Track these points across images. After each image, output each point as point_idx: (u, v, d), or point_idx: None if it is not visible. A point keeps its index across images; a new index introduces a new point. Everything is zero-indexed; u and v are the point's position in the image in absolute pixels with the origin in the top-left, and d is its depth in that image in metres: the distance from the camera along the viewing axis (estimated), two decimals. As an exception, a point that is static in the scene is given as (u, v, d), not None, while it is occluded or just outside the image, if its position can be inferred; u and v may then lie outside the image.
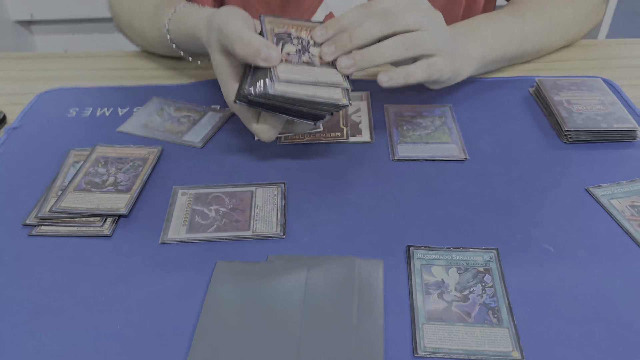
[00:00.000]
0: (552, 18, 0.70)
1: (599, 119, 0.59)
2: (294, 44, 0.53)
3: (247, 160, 0.58)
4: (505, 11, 0.69)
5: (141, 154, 0.58)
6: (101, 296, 0.44)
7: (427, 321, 0.41)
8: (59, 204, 0.51)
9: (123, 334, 0.41)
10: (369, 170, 0.56)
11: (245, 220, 0.50)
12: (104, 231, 0.49)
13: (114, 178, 0.54)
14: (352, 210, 0.51)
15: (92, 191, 0.52)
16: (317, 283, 0.44)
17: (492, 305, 0.42)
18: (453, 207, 0.51)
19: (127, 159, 0.57)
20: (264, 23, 0.54)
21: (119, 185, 0.53)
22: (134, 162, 0.56)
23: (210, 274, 0.45)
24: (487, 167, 0.56)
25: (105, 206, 0.51)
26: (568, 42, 0.75)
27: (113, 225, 0.50)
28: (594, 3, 0.73)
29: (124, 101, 0.67)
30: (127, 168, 0.55)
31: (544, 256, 0.46)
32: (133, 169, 0.55)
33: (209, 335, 0.41)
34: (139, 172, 0.55)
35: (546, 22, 0.70)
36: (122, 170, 0.55)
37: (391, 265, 0.46)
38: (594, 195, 0.52)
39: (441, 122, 0.62)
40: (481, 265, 0.46)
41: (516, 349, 0.39)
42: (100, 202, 0.51)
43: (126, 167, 0.56)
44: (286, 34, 0.54)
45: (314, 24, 0.55)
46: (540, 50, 0.72)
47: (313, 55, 0.52)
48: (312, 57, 0.52)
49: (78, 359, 0.40)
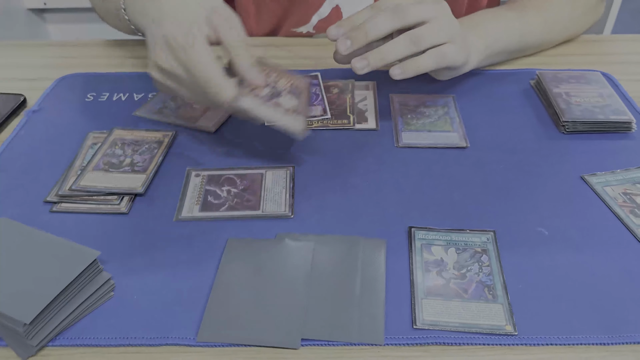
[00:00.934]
0: (551, 15, 0.72)
1: (597, 110, 0.61)
2: (268, 87, 0.55)
3: (258, 144, 0.60)
4: (505, 7, 0.72)
5: (156, 137, 0.60)
6: (120, 267, 0.47)
7: (426, 296, 0.44)
8: (78, 183, 0.53)
9: (139, 304, 0.44)
10: (373, 155, 0.59)
11: (256, 201, 0.53)
12: (121, 209, 0.52)
13: (130, 159, 0.57)
14: (357, 193, 0.54)
15: (110, 171, 0.55)
16: (323, 259, 0.47)
17: (487, 283, 0.45)
18: (453, 191, 0.54)
19: (143, 141, 0.60)
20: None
21: (135, 165, 0.56)
22: (149, 144, 0.59)
23: (222, 250, 0.48)
24: (486, 154, 0.58)
25: (122, 185, 0.53)
26: (567, 38, 0.78)
27: (130, 204, 0.53)
28: (589, 3, 0.76)
29: (140, 87, 0.70)
30: (143, 150, 0.58)
31: (538, 239, 0.49)
32: (149, 151, 0.58)
33: (220, 305, 0.43)
34: (154, 154, 0.58)
35: (545, 19, 0.72)
36: (138, 152, 0.58)
37: (393, 245, 0.48)
38: (589, 182, 0.54)
39: (444, 111, 0.65)
40: (479, 246, 0.48)
41: (509, 323, 0.42)
42: (117, 182, 0.54)
43: (142, 149, 0.58)
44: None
45: (297, 76, 0.56)
46: (541, 45, 0.75)
47: (280, 104, 0.54)
48: (280, 104, 0.54)
49: (97, 324, 0.42)
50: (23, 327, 0.39)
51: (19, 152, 0.60)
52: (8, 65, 0.77)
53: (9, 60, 0.78)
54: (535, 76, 0.69)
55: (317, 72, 0.71)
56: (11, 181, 0.56)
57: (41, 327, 0.40)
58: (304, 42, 0.80)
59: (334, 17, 0.80)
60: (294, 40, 0.81)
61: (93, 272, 0.43)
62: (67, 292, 0.41)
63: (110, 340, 0.41)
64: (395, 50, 0.54)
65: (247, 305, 0.43)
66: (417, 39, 0.54)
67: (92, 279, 0.43)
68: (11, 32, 1.70)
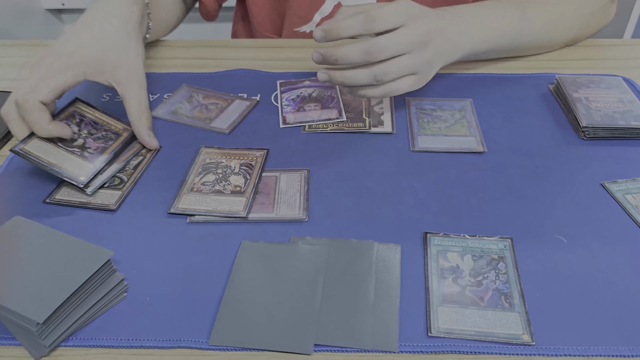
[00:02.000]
0: (554, 15, 0.70)
1: (617, 116, 0.60)
2: (216, 173, 0.55)
3: (273, 146, 0.60)
4: (507, 2, 0.68)
5: (116, 128, 0.57)
6: (132, 269, 0.47)
7: (442, 303, 0.43)
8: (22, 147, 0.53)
9: (152, 305, 0.44)
10: (389, 159, 0.58)
11: (270, 203, 0.52)
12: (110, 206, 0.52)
13: (83, 141, 0.54)
14: (372, 197, 0.53)
15: (58, 145, 0.53)
16: (337, 263, 0.46)
17: (504, 291, 0.44)
18: (470, 196, 0.53)
19: (101, 126, 0.56)
20: (200, 154, 0.58)
21: (85, 150, 0.53)
22: (107, 132, 0.56)
23: (236, 253, 0.48)
24: (504, 159, 0.58)
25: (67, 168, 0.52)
26: (572, 40, 0.75)
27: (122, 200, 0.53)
28: (598, 3, 0.73)
29: (155, 88, 0.70)
30: (99, 136, 0.55)
31: (556, 246, 0.48)
32: (104, 139, 0.55)
33: (233, 308, 0.43)
34: (108, 145, 0.55)
35: (547, 18, 0.69)
36: (93, 135, 0.55)
37: (408, 250, 0.48)
38: (609, 190, 0.53)
39: (461, 115, 0.64)
40: (495, 253, 0.47)
41: (526, 333, 0.41)
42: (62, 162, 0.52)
43: (98, 135, 0.55)
44: (214, 163, 0.56)
45: (250, 152, 0.58)
46: (540, 46, 0.72)
47: (228, 184, 0.54)
48: (227, 185, 0.53)
49: (110, 325, 0.42)
50: (36, 326, 0.39)
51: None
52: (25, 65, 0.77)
53: (26, 59, 0.79)
54: (554, 80, 0.68)
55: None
56: (26, 179, 0.56)
57: (54, 327, 0.40)
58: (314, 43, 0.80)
59: None
60: (303, 41, 0.81)
61: (107, 272, 0.43)
62: (80, 292, 0.41)
63: (123, 342, 0.41)
64: (358, 79, 0.56)
65: (259, 309, 0.43)
66: (382, 76, 0.55)
67: (105, 279, 0.43)
68: (29, 32, 1.72)
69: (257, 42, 0.82)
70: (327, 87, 0.69)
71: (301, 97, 0.67)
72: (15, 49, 0.81)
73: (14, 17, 1.68)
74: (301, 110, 0.65)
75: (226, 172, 0.55)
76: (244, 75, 0.72)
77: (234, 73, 0.73)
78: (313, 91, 0.68)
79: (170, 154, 0.59)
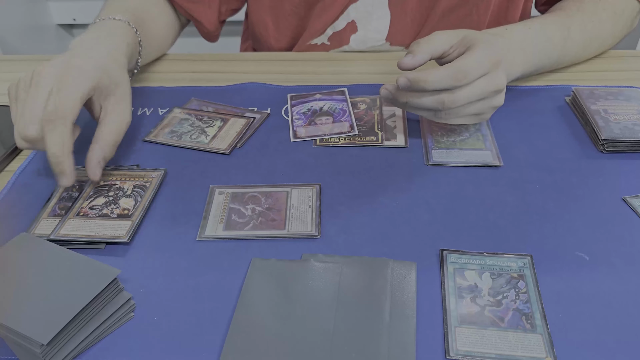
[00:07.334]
0: (593, 33, 0.70)
1: (637, 128, 0.58)
2: (107, 196, 0.53)
3: (283, 161, 0.59)
4: (553, 22, 0.67)
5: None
6: (140, 288, 0.45)
7: (460, 324, 0.42)
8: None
9: (160, 325, 0.42)
10: (403, 174, 0.57)
11: (281, 220, 0.51)
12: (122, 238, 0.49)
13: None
14: (386, 213, 0.52)
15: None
16: (351, 282, 0.45)
17: (525, 311, 0.42)
18: (487, 212, 0.51)
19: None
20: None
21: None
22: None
23: (246, 271, 0.46)
24: (521, 174, 0.56)
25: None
26: (600, 53, 0.76)
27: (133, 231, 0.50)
28: (630, 16, 0.73)
29: (164, 101, 0.69)
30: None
31: (578, 264, 0.46)
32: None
33: (243, 329, 0.42)
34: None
35: (587, 36, 0.70)
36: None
37: (424, 268, 0.46)
38: (631, 205, 0.52)
39: (475, 128, 0.62)
40: (515, 271, 0.46)
41: (550, 355, 0.39)
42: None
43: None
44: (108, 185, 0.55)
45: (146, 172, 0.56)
46: (573, 61, 0.73)
47: (117, 207, 0.52)
48: (115, 209, 0.52)
49: (117, 346, 0.41)
50: (40, 347, 0.37)
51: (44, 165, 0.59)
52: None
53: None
54: (570, 92, 0.67)
55: (344, 87, 0.70)
56: (37, 195, 0.55)
57: (59, 348, 0.39)
58: (324, 56, 0.79)
59: (349, 30, 0.79)
60: (315, 55, 0.80)
61: (113, 291, 0.42)
62: (86, 312, 0.40)
63: (129, 364, 0.40)
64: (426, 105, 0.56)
65: (270, 329, 0.42)
66: (452, 103, 0.55)
67: (112, 298, 0.42)
68: (41, 48, 1.73)
69: (267, 56, 0.82)
70: (338, 100, 0.67)
71: (312, 110, 0.66)
72: (26, 63, 0.81)
73: (26, 32, 1.69)
74: (312, 124, 0.64)
75: (117, 194, 0.53)
76: (254, 89, 0.71)
77: (244, 87, 0.72)
78: (324, 104, 0.67)
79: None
